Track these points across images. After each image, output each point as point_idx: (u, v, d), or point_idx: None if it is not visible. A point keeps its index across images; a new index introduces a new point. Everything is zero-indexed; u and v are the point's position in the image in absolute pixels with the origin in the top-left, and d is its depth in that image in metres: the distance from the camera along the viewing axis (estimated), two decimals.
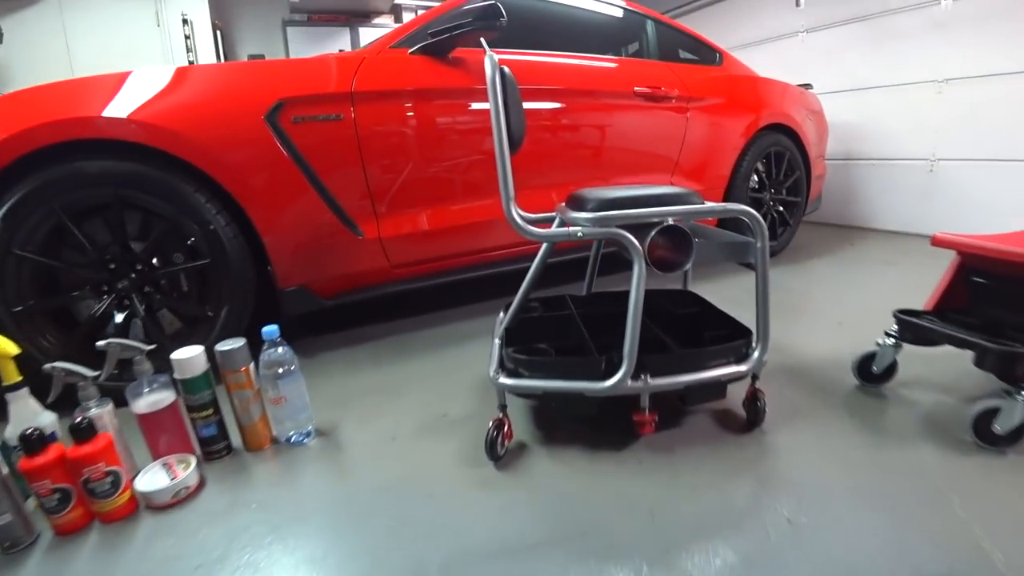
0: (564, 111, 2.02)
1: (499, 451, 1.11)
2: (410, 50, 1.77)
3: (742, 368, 1.11)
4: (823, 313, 1.93)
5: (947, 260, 1.32)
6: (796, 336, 1.72)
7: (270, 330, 1.25)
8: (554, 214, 1.33)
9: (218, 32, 3.48)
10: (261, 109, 1.53)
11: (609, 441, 1.17)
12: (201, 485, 1.14)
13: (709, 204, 1.10)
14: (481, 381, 1.51)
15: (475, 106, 1.83)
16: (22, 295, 1.44)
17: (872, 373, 1.33)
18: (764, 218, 2.76)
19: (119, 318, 1.53)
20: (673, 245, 1.06)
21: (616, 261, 2.39)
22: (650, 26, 2.45)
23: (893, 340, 1.28)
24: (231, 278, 1.58)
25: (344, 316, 2.13)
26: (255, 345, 1.24)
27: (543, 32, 2.20)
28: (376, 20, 4.53)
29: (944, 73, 3.10)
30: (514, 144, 1.25)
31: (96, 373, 1.19)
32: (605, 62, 2.19)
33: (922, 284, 2.23)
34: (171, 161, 1.48)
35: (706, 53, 2.63)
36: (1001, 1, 2.81)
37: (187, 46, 3.22)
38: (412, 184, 1.78)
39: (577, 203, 1.15)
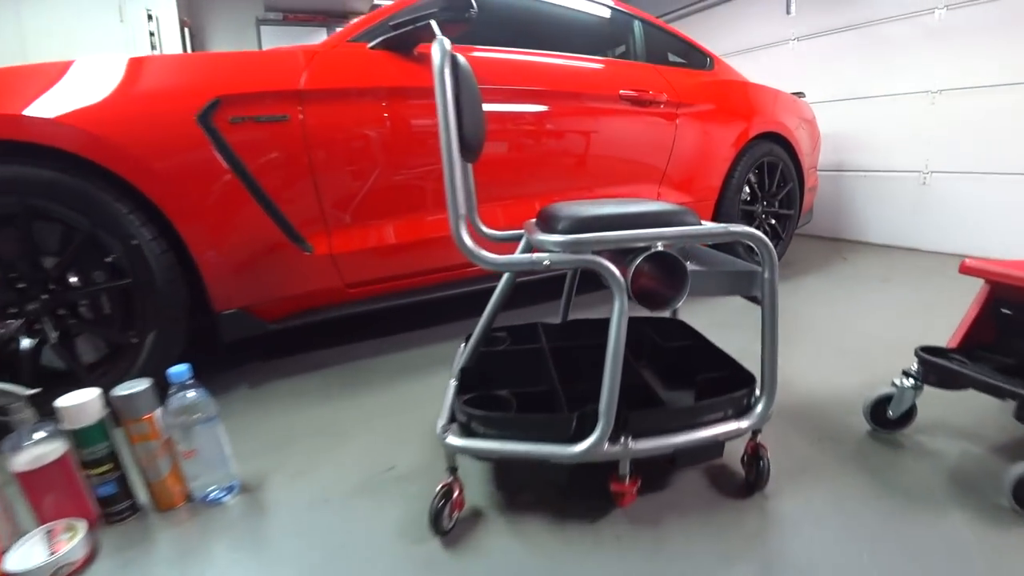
0: (542, 115, 1.81)
1: (446, 524, 0.89)
2: (370, 44, 1.55)
3: (743, 424, 0.90)
4: (822, 339, 1.73)
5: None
6: (795, 367, 1.51)
7: (178, 371, 1.02)
8: (523, 231, 1.12)
9: (186, 29, 3.24)
10: (193, 107, 1.30)
11: (582, 509, 0.95)
12: (91, 558, 0.92)
13: (708, 225, 0.89)
14: (430, 422, 1.28)
15: None
16: None
17: (887, 418, 1.13)
18: None
19: (27, 344, 1.30)
20: (663, 275, 0.86)
21: (598, 279, 2.18)
22: (637, 27, 2.25)
23: (913, 381, 1.08)
24: (157, 300, 1.35)
25: (298, 338, 1.89)
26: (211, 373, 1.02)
27: (521, 31, 1.98)
28: (355, 21, 4.28)
29: (937, 83, 2.95)
30: (471, 150, 1.03)
31: (30, 391, 0.96)
32: (588, 62, 1.98)
33: (923, 303, 2.05)
34: (91, 167, 1.25)
35: (696, 57, 2.44)
36: (996, 11, 2.66)
37: (152, 43, 2.97)
38: (370, 194, 1.55)
39: (547, 222, 0.93)
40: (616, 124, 1.97)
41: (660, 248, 0.83)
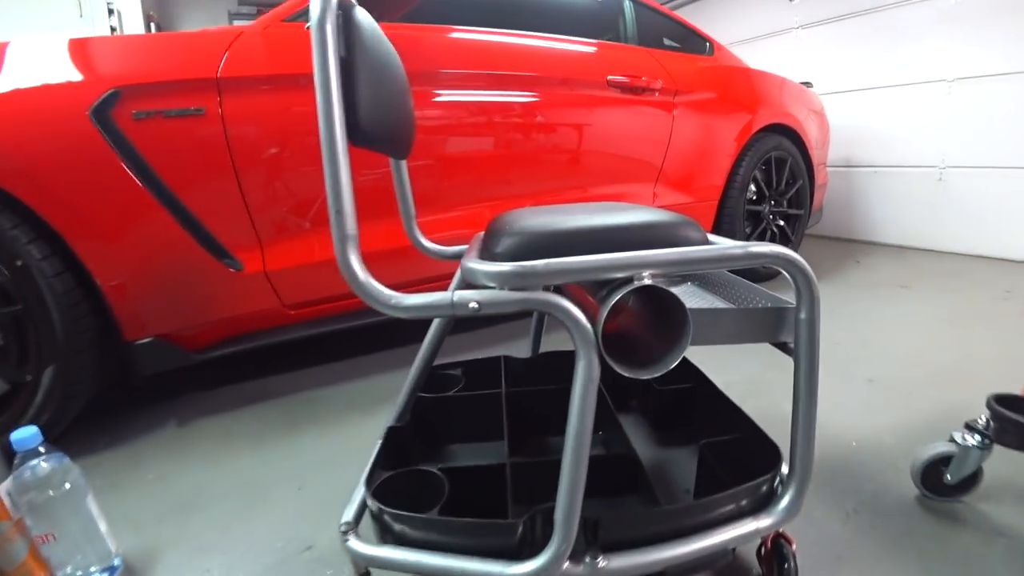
0: (510, 105, 1.52)
1: None
2: (308, 23, 1.28)
3: (763, 524, 0.62)
4: (845, 363, 1.43)
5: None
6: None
7: (24, 436, 0.76)
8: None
9: (152, 25, 2.97)
10: (86, 101, 1.04)
11: None
12: None
13: (720, 243, 0.61)
14: None
15: None
16: None
17: (944, 483, 0.85)
18: (763, 235, 2.31)
19: None
20: (655, 320, 0.59)
21: None
22: (628, 7, 1.96)
23: (980, 439, 0.80)
24: (52, 329, 1.09)
25: (245, 363, 1.63)
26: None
27: (495, 10, 1.71)
28: None
29: (953, 71, 2.64)
30: (398, 146, 0.77)
31: None
32: (567, 43, 1.69)
33: (952, 316, 1.75)
34: None
35: (694, 42, 2.14)
36: None
37: None
38: (310, 200, 1.28)
39: (490, 238, 0.66)
40: (603, 115, 1.69)
41: (647, 281, 0.56)
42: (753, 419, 0.77)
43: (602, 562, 0.57)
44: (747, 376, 1.35)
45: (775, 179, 2.20)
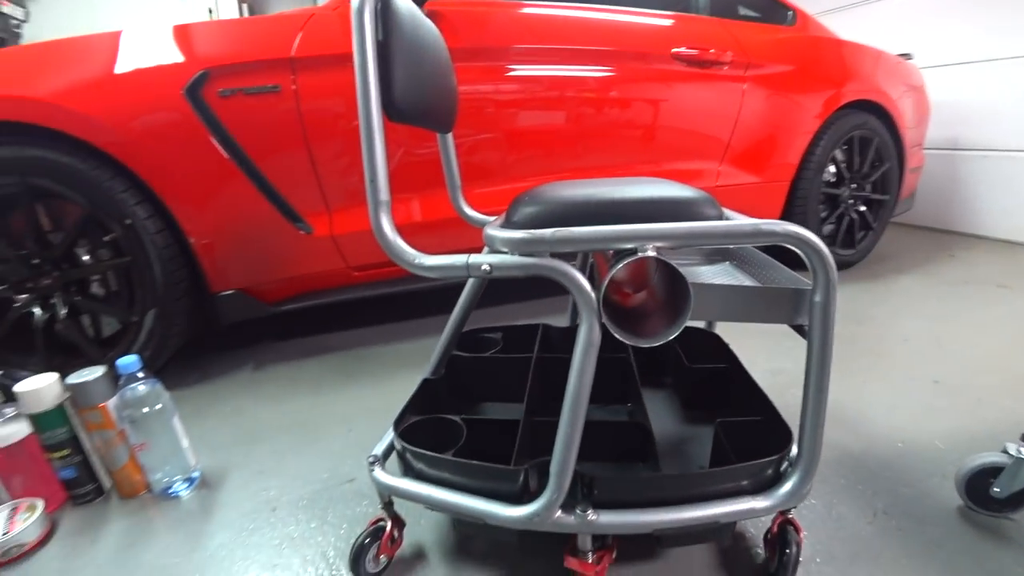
0: (565, 80, 1.52)
1: (369, 568, 0.71)
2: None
3: (760, 504, 0.62)
4: (913, 364, 1.32)
5: None
6: (867, 397, 1.16)
7: (126, 363, 0.91)
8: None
9: (244, 8, 3.20)
10: (180, 81, 1.18)
11: (545, 569, 0.73)
12: (46, 538, 0.88)
13: (737, 219, 0.61)
14: None
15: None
16: None
17: (992, 496, 0.79)
18: (840, 220, 2.17)
19: (40, 318, 1.28)
20: (659, 292, 0.61)
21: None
22: None
23: None
24: (154, 279, 1.27)
25: (312, 318, 1.80)
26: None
27: None
28: None
29: None
30: (438, 121, 0.82)
31: None
32: (629, 15, 1.64)
33: None
34: (88, 148, 1.18)
35: (775, 12, 2.00)
36: None
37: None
38: None
39: (513, 208, 0.70)
40: (663, 90, 1.63)
41: (651, 251, 0.58)
42: (773, 403, 0.76)
43: (592, 515, 0.60)
44: (799, 365, 1.30)
45: (858, 160, 2.03)
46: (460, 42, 1.39)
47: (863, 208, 2.10)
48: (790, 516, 0.69)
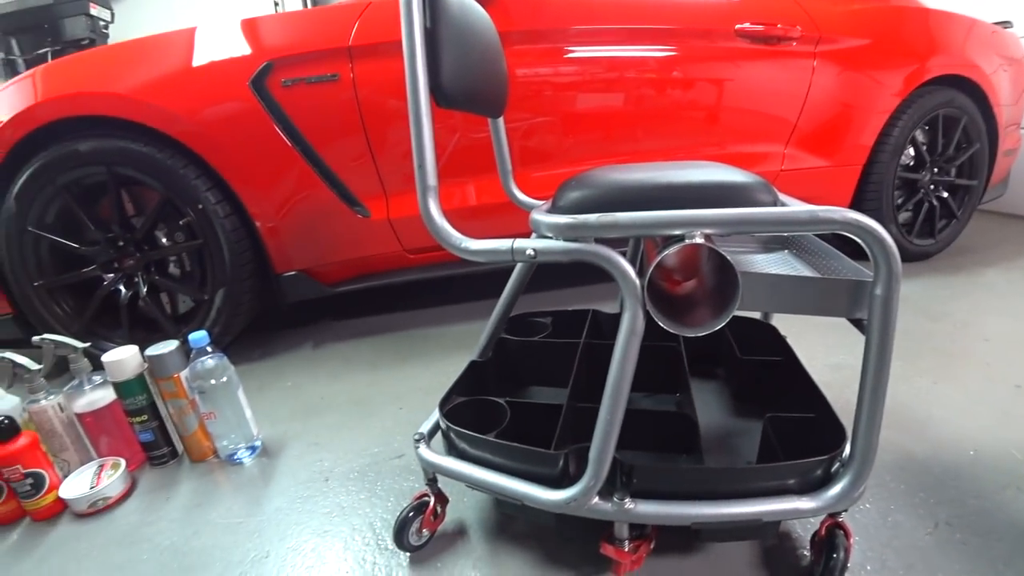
0: (623, 61, 1.47)
1: (412, 540, 0.74)
2: None
3: (808, 505, 0.59)
4: (990, 363, 1.21)
5: None
6: (936, 400, 1.07)
7: (196, 338, 0.99)
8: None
9: (308, 0, 3.31)
10: (246, 74, 1.25)
11: (577, 558, 0.74)
12: (127, 494, 0.98)
13: (788, 205, 0.59)
14: None
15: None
16: (43, 271, 1.36)
17: None
18: (918, 207, 2.00)
19: (125, 295, 1.40)
20: (708, 280, 0.59)
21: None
22: None
23: None
24: (223, 260, 1.36)
25: (369, 300, 1.86)
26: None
27: None
28: None
29: None
30: (487, 106, 0.82)
31: (39, 367, 1.03)
32: None
33: None
34: (164, 136, 1.27)
35: None
36: None
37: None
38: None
39: (560, 193, 0.70)
40: (726, 69, 1.55)
41: (698, 238, 0.55)
42: (828, 400, 0.73)
43: (629, 504, 0.60)
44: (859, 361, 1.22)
45: (942, 142, 1.86)
46: (514, 25, 1.38)
47: (946, 194, 1.93)
48: (840, 519, 0.65)
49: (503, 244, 0.59)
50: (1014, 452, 0.91)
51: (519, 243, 0.59)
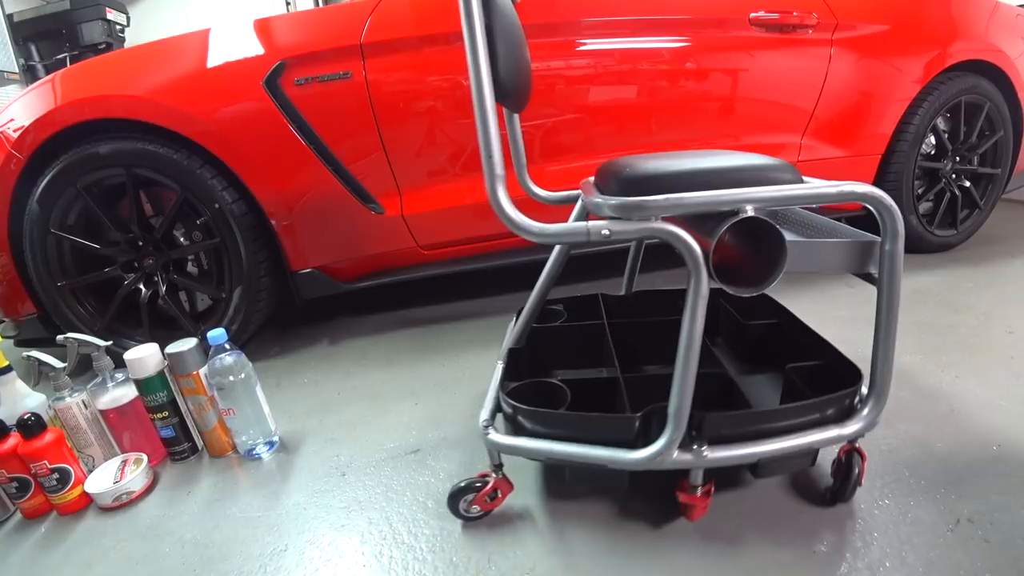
0: (638, 52, 1.45)
1: (462, 509, 0.79)
2: None
3: (844, 431, 0.71)
4: (1015, 356, 1.16)
5: None
6: (959, 394, 1.04)
7: (215, 335, 1.00)
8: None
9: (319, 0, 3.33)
10: (260, 73, 1.25)
11: (643, 514, 0.78)
12: (149, 488, 1.00)
13: (813, 182, 0.66)
14: (478, 404, 1.13)
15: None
16: (66, 271, 1.39)
17: None
18: (939, 197, 1.95)
19: (145, 294, 1.43)
20: (750, 248, 0.64)
21: (663, 250, 1.80)
22: None
23: None
24: (240, 258, 1.38)
25: (386, 295, 1.87)
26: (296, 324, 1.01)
27: None
28: None
29: None
30: (513, 96, 0.82)
31: (64, 364, 1.06)
32: None
33: None
34: (180, 137, 1.29)
35: None
36: None
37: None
38: (442, 153, 1.40)
39: (605, 180, 0.73)
40: (742, 58, 1.53)
41: (751, 213, 0.60)
42: (835, 346, 0.80)
43: (706, 452, 0.68)
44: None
45: (964, 130, 1.82)
46: (527, 18, 1.37)
47: (968, 183, 1.88)
48: (856, 445, 0.75)
49: (579, 227, 0.63)
50: None
51: (592, 225, 0.62)
